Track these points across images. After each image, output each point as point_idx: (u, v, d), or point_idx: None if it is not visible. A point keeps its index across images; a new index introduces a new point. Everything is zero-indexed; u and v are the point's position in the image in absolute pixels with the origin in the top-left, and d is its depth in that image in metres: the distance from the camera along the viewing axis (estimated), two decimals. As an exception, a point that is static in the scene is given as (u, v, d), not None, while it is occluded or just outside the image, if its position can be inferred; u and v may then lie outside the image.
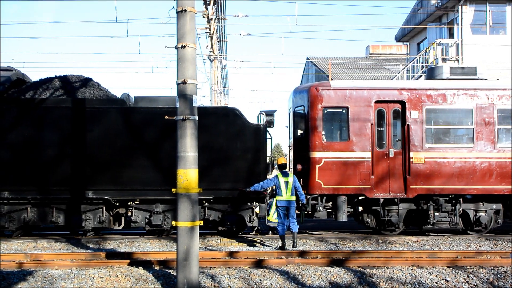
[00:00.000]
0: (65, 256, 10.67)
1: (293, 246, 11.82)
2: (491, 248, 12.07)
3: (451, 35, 27.73)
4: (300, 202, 12.39)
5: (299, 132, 14.20)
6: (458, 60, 25.76)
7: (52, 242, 12.65)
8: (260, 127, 13.32)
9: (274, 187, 12.33)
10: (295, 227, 11.87)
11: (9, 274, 8.84)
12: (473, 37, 25.91)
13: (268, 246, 12.38)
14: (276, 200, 11.88)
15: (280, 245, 11.90)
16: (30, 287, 8.27)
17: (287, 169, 12.20)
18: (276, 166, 12.71)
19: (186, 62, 7.83)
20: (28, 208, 13.07)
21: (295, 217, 11.94)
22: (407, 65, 30.08)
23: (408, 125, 13.32)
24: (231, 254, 10.86)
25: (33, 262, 9.92)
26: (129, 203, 13.37)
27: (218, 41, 27.22)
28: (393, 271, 9.18)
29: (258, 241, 12.93)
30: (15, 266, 9.54)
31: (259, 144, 13.24)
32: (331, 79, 30.80)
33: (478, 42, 25.30)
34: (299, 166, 13.43)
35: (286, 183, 11.75)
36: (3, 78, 13.52)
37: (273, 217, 12.53)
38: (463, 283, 8.66)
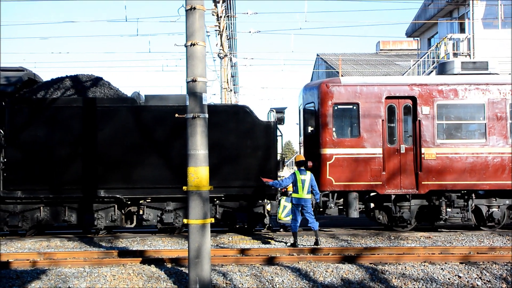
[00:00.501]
0: (78, 255, 10.75)
1: (316, 244, 11.75)
2: (504, 243, 11.98)
3: (462, 29, 27.51)
4: (314, 201, 12.37)
5: (310, 129, 14.17)
6: (469, 55, 25.55)
7: (65, 240, 12.74)
8: (271, 124, 13.31)
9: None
10: (315, 225, 11.79)
11: (22, 273, 8.92)
12: (484, 32, 25.68)
13: (280, 243, 12.37)
14: (292, 197, 11.86)
15: (292, 242, 11.90)
16: (44, 286, 8.35)
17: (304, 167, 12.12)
18: (287, 162, 12.67)
19: (195, 60, 7.84)
20: (41, 207, 13.17)
21: (313, 214, 11.88)
22: (418, 60, 29.89)
23: (419, 120, 13.25)
24: (243, 251, 10.87)
25: (47, 261, 10.00)
26: (140, 202, 13.42)
27: (228, 39, 27.23)
28: (405, 267, 9.15)
29: (270, 238, 12.93)
30: (28, 265, 9.62)
31: (269, 141, 13.23)
32: (341, 76, 30.70)
33: (489, 36, 25.07)
34: (310, 163, 13.39)
35: (303, 181, 11.68)
36: (14, 78, 13.63)
37: (283, 215, 12.51)
38: (476, 279, 8.60)
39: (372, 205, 13.78)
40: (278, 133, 13.56)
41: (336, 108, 13.42)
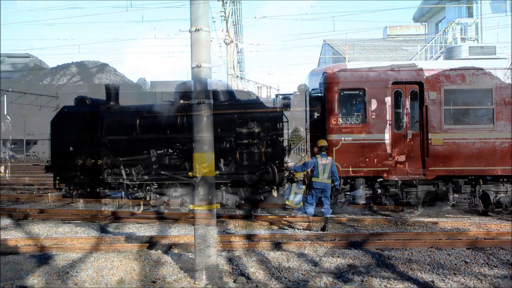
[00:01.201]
0: (85, 240, 10.81)
1: (323, 230, 11.76)
2: (512, 229, 11.94)
3: (470, 14, 27.22)
4: (334, 188, 12.36)
5: (316, 114, 14.11)
6: (477, 40, 25.30)
7: (73, 226, 12.81)
8: (277, 111, 13.26)
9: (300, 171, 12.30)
10: (328, 212, 11.82)
11: (31, 257, 8.98)
12: (493, 16, 25.40)
13: (287, 229, 12.39)
14: (312, 181, 11.86)
15: (308, 225, 11.90)
16: (51, 271, 8.40)
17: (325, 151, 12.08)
18: (293, 148, 12.67)
19: (200, 46, 7.79)
20: (49, 193, 13.25)
21: (329, 201, 11.88)
22: (426, 45, 29.64)
23: (426, 106, 13.16)
24: (249, 237, 10.89)
25: (54, 246, 10.06)
26: (147, 188, 13.47)
27: (234, 25, 27.10)
28: (412, 253, 9.14)
29: (276, 224, 12.93)
30: (37, 250, 9.69)
31: (275, 127, 13.20)
32: (348, 61, 30.51)
33: (498, 20, 24.79)
34: (316, 149, 13.35)
35: (324, 165, 11.71)
36: (20, 65, 13.66)
37: (292, 201, 12.51)
38: (483, 265, 8.58)
39: (379, 191, 13.75)
40: (284, 119, 13.52)
41: (342, 93, 13.35)
